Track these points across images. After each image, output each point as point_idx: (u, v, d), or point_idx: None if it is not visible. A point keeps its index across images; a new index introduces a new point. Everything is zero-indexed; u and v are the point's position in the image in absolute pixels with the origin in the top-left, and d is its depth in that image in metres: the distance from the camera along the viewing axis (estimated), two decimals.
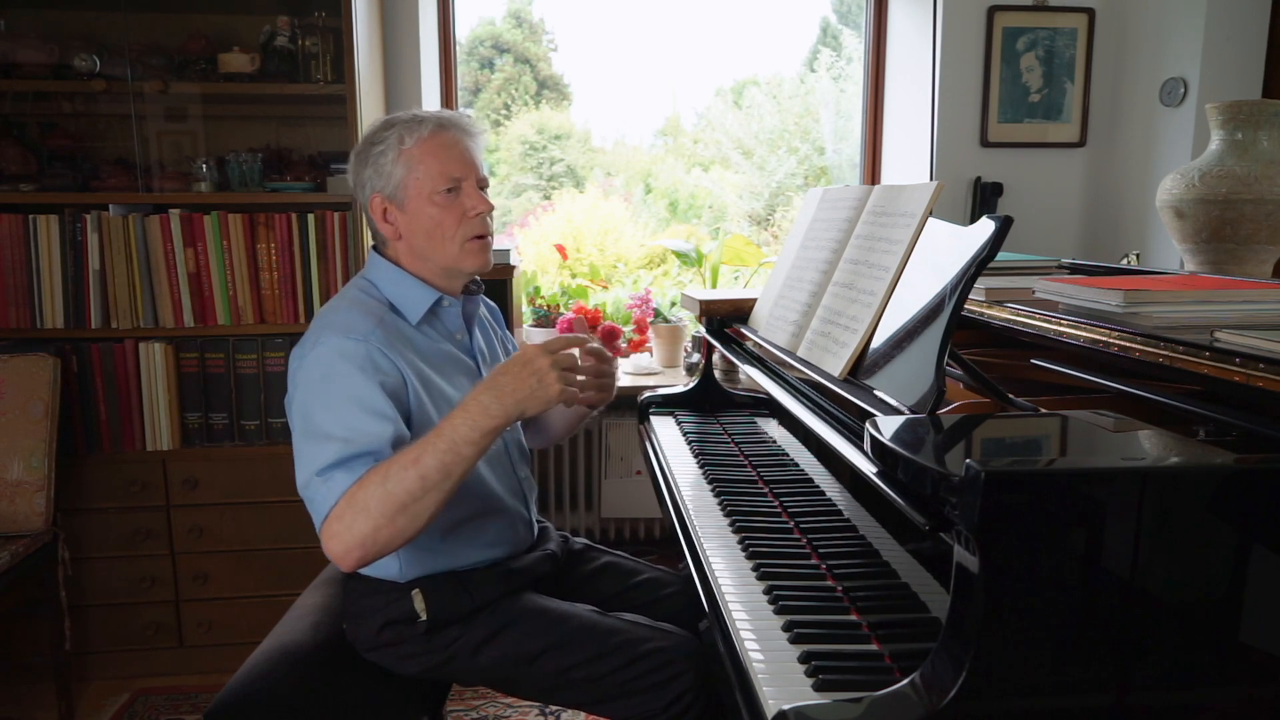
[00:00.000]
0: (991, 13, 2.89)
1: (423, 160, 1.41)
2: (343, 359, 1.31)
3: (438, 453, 1.22)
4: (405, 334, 1.42)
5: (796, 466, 1.59)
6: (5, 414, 2.26)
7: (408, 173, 1.42)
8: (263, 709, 1.35)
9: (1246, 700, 0.86)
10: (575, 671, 1.37)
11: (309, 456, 1.28)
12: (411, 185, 1.42)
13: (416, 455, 1.23)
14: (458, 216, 1.43)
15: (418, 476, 1.22)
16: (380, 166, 1.43)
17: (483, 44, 3.61)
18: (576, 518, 3.10)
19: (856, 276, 1.43)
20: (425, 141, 1.42)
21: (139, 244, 2.42)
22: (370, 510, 1.21)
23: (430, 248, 1.44)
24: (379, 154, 1.43)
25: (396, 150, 1.42)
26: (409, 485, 1.21)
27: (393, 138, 1.42)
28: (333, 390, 1.30)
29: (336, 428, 1.27)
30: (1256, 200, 1.81)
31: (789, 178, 3.65)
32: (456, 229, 1.43)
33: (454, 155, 1.43)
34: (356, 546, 1.22)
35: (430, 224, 1.43)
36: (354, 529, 1.21)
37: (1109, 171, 3.00)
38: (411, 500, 1.22)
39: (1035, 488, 0.81)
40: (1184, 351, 1.03)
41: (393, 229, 1.45)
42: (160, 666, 2.56)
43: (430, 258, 1.45)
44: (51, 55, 2.43)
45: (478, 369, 1.53)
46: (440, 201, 1.42)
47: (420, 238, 1.44)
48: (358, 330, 1.34)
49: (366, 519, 1.21)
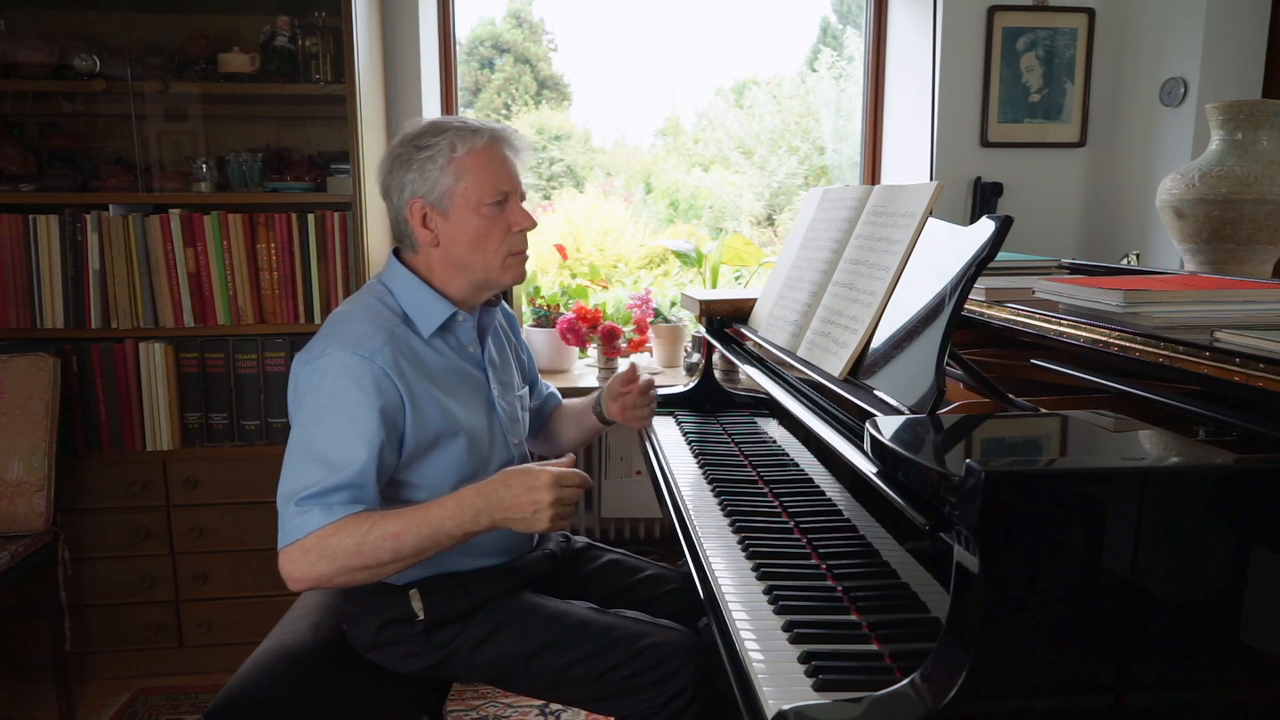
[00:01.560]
0: (991, 13, 2.89)
1: (473, 170, 1.41)
2: (345, 374, 1.32)
3: (419, 536, 1.28)
4: (414, 349, 1.41)
5: (796, 466, 1.59)
6: (5, 414, 2.26)
7: (456, 181, 1.41)
8: (263, 709, 1.35)
9: (1246, 700, 0.86)
10: (574, 669, 1.37)
11: (292, 474, 1.31)
12: (459, 194, 1.41)
13: (399, 530, 1.27)
14: (503, 230, 1.44)
15: (392, 550, 1.27)
16: (426, 171, 1.41)
17: (483, 44, 3.61)
18: (576, 518, 3.10)
19: (856, 276, 1.43)
20: (479, 152, 1.41)
21: (139, 244, 2.42)
22: (336, 559, 1.26)
23: (471, 258, 1.44)
24: (426, 159, 1.41)
25: (447, 157, 1.40)
26: (381, 554, 1.27)
27: (444, 144, 1.40)
28: (332, 405, 1.32)
29: (323, 443, 1.30)
30: (1256, 200, 1.81)
31: (789, 178, 3.65)
32: (501, 242, 1.44)
33: (505, 170, 1.44)
34: (310, 581, 1.29)
35: (475, 235, 1.42)
36: (315, 567, 1.27)
37: (1109, 171, 3.00)
38: (378, 565, 1.28)
39: (1035, 488, 0.81)
40: (1184, 351, 1.03)
41: (431, 235, 1.44)
42: (160, 666, 2.56)
43: (468, 267, 1.45)
44: (51, 55, 2.43)
45: (486, 380, 1.52)
46: (487, 214, 1.42)
47: (462, 247, 1.43)
48: (366, 347, 1.34)
49: (329, 564, 1.26)
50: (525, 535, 1.56)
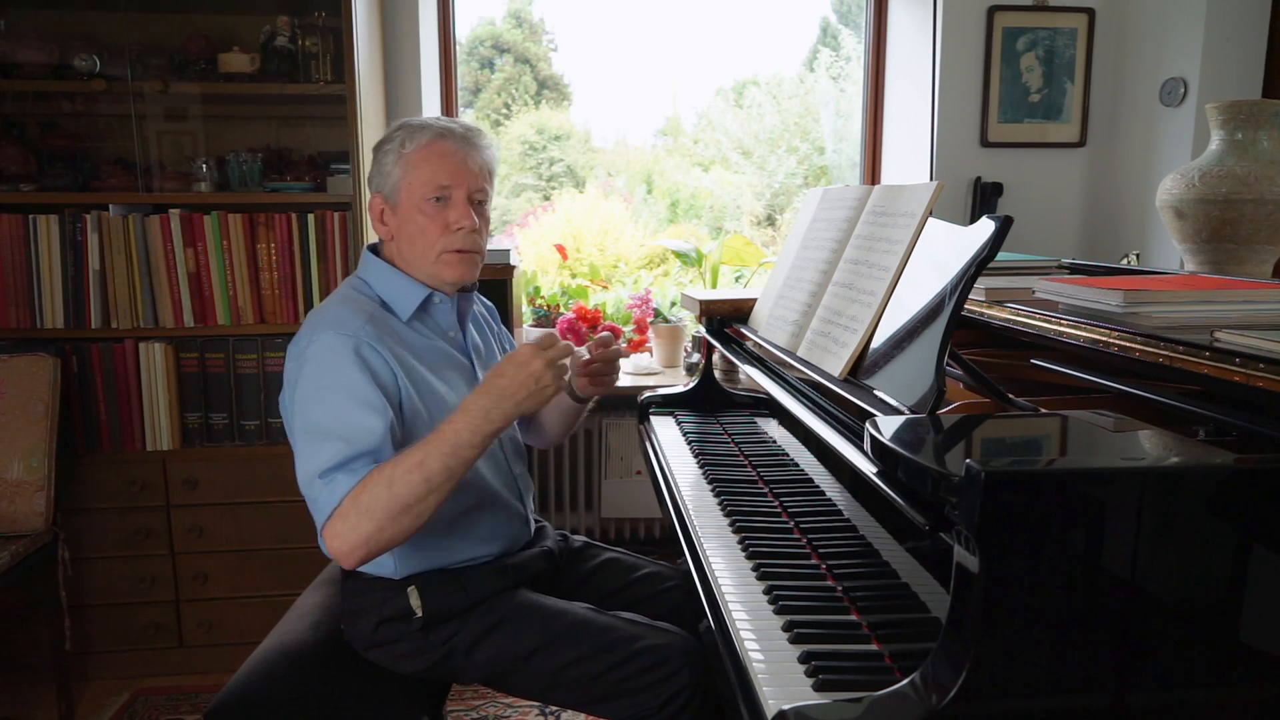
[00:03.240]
0: (991, 13, 2.89)
1: (417, 166, 1.44)
2: (334, 354, 1.33)
3: (441, 456, 1.25)
4: (396, 330, 1.43)
5: (796, 466, 1.59)
6: (5, 414, 2.26)
7: (403, 176, 1.45)
8: (263, 709, 1.35)
9: (1246, 700, 0.86)
10: (570, 669, 1.37)
11: (309, 455, 1.30)
12: (404, 189, 1.45)
13: (420, 459, 1.25)
14: (441, 227, 1.45)
15: (422, 479, 1.25)
16: (382, 166, 1.47)
17: (483, 44, 3.60)
18: (576, 517, 3.10)
19: (856, 276, 1.43)
20: (423, 148, 1.44)
21: (139, 244, 2.42)
22: (375, 512, 1.24)
23: (412, 253, 1.47)
24: (384, 154, 1.47)
25: (398, 153, 1.45)
26: (414, 488, 1.24)
27: (398, 140, 1.46)
28: (327, 385, 1.32)
29: (334, 424, 1.29)
30: (1256, 200, 1.81)
31: (789, 178, 3.65)
32: (438, 239, 1.45)
33: (448, 165, 1.44)
34: (360, 545, 1.25)
35: (415, 230, 1.45)
36: (358, 529, 1.24)
37: (1109, 171, 3.00)
38: (416, 501, 1.25)
39: (1035, 488, 0.81)
40: (1184, 351, 1.03)
41: (386, 229, 1.49)
42: (160, 666, 2.56)
43: (413, 262, 1.48)
44: (51, 55, 2.42)
45: (472, 366, 1.54)
46: (427, 210, 1.44)
47: (405, 242, 1.47)
48: (347, 325, 1.36)
49: (370, 520, 1.24)
50: (522, 525, 1.57)
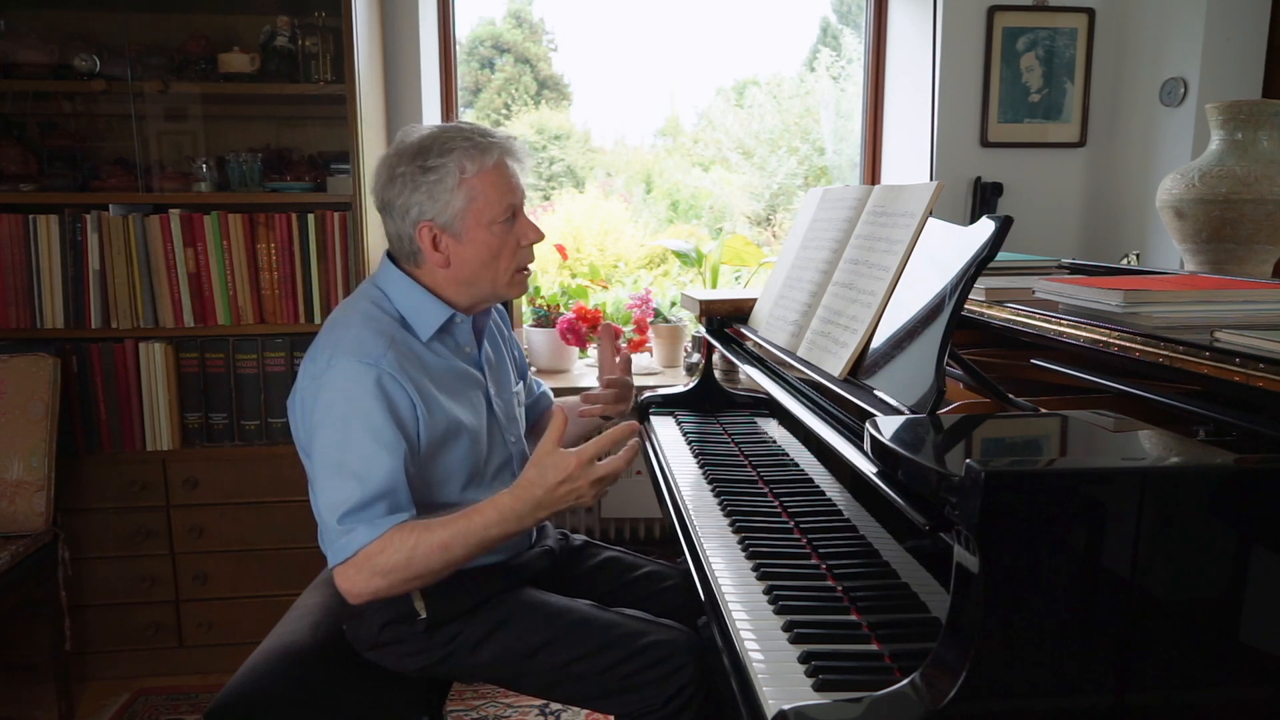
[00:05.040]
0: (991, 13, 2.89)
1: (484, 190, 1.39)
2: (355, 384, 1.32)
3: (467, 546, 1.30)
4: (415, 352, 1.41)
5: (796, 466, 1.59)
6: (5, 414, 2.26)
7: (468, 203, 1.38)
8: (263, 709, 1.35)
9: (1246, 700, 0.86)
10: (574, 666, 1.37)
11: (327, 490, 1.31)
12: (472, 215, 1.39)
13: (446, 542, 1.29)
14: (513, 246, 1.44)
15: (443, 560, 1.30)
16: (435, 194, 1.37)
17: (483, 44, 3.60)
18: (576, 517, 3.10)
19: (856, 276, 1.43)
20: (489, 172, 1.39)
21: (139, 244, 2.42)
22: (389, 575, 1.29)
23: (480, 275, 1.43)
24: (434, 182, 1.37)
25: (457, 178, 1.37)
26: (432, 564, 1.29)
27: (452, 165, 1.36)
28: (345, 416, 1.32)
29: (350, 460, 1.30)
30: (1256, 200, 1.81)
31: (789, 178, 3.65)
32: (511, 259, 1.44)
33: (514, 184, 1.43)
34: (368, 595, 1.30)
35: (487, 254, 1.42)
36: (370, 584, 1.29)
37: (1109, 171, 3.00)
38: (431, 574, 1.31)
39: (1035, 488, 0.81)
40: (1184, 351, 1.03)
41: (442, 257, 1.41)
42: (160, 666, 2.56)
43: (476, 284, 1.44)
44: (51, 55, 2.42)
45: (484, 380, 1.53)
46: (499, 231, 1.41)
47: (473, 267, 1.42)
48: (370, 353, 1.33)
49: (384, 579, 1.29)
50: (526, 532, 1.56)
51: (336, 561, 1.30)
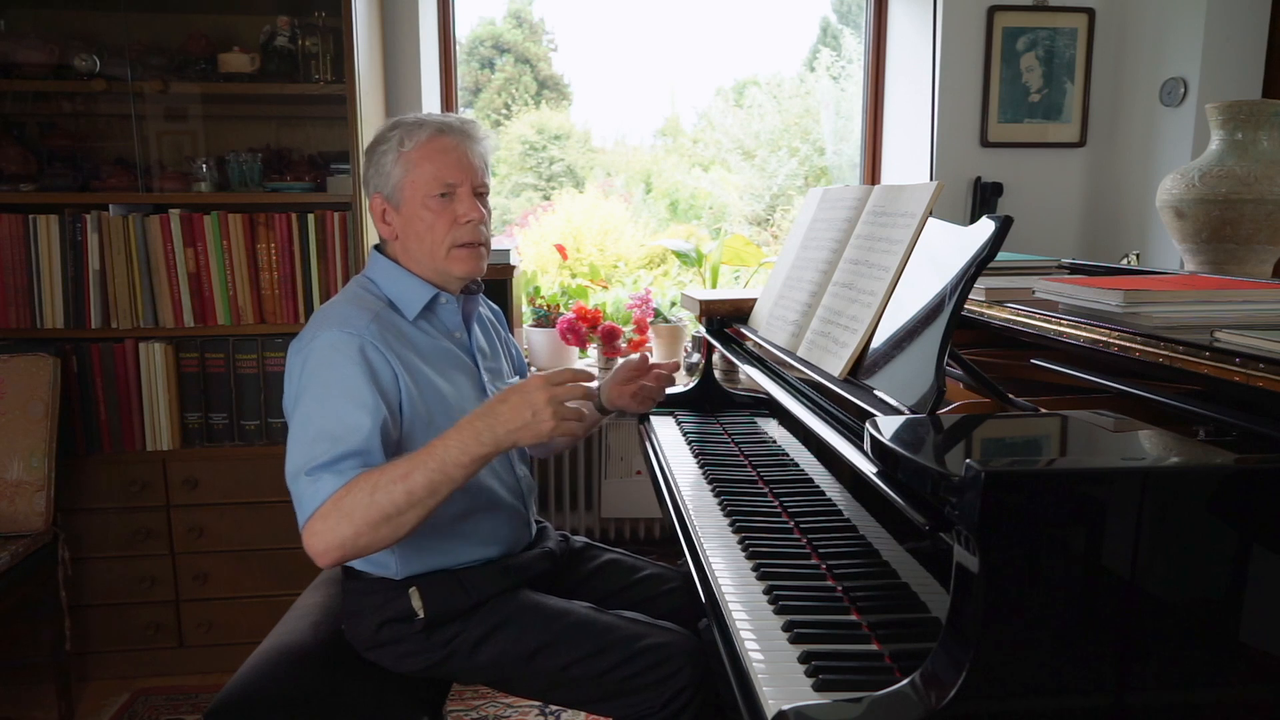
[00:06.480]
0: (991, 13, 2.89)
1: (419, 164, 1.44)
2: (336, 351, 1.33)
3: (427, 471, 1.24)
4: (401, 329, 1.43)
5: (796, 466, 1.59)
6: (5, 414, 2.26)
7: (405, 175, 1.44)
8: (263, 709, 1.35)
9: (1246, 700, 0.86)
10: (573, 669, 1.37)
11: (299, 450, 1.30)
12: (407, 187, 1.45)
13: (406, 471, 1.24)
14: (448, 222, 1.45)
15: (405, 491, 1.23)
16: (381, 167, 1.46)
17: (483, 44, 3.60)
18: (576, 518, 3.10)
19: (856, 276, 1.43)
20: (424, 145, 1.44)
21: (139, 244, 2.42)
22: (354, 517, 1.23)
23: (421, 250, 1.47)
24: (381, 154, 1.46)
25: (396, 152, 1.44)
26: (395, 499, 1.23)
27: (395, 139, 1.45)
28: (325, 381, 1.32)
29: (327, 421, 1.29)
30: (1256, 200, 1.81)
31: (789, 178, 3.65)
32: (446, 234, 1.45)
33: (450, 160, 1.45)
34: (335, 548, 1.25)
35: (422, 227, 1.45)
36: (336, 531, 1.24)
37: (1109, 171, 3.00)
38: (396, 513, 1.24)
39: (1035, 488, 0.81)
40: (1184, 351, 1.03)
41: (390, 229, 1.49)
42: (160, 666, 2.56)
43: (421, 260, 1.48)
44: (51, 55, 2.42)
45: (476, 367, 1.54)
46: (433, 206, 1.44)
47: (412, 240, 1.47)
48: (353, 324, 1.36)
49: (349, 524, 1.23)
50: (523, 527, 1.56)
51: (305, 515, 1.26)
